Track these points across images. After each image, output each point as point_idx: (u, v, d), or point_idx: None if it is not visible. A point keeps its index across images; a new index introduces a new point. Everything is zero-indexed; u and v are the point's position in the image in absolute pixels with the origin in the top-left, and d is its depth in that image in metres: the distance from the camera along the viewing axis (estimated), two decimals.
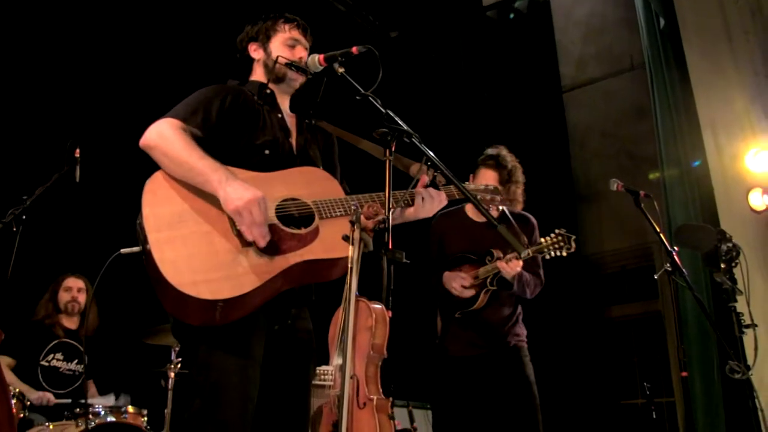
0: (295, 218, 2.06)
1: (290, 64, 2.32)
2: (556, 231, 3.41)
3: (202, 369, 1.97)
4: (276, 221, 2.00)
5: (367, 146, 2.30)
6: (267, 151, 2.19)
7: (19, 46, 4.23)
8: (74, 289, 4.29)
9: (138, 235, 1.97)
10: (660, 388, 6.60)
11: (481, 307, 3.55)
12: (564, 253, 3.35)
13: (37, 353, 4.08)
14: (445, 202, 2.29)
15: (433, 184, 2.23)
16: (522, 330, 3.69)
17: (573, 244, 3.36)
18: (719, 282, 3.34)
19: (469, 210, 3.79)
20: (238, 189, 1.93)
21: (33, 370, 4.02)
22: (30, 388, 3.90)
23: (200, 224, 1.96)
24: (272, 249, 1.96)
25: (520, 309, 3.74)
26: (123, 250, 2.01)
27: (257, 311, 1.99)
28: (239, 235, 1.96)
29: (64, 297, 4.27)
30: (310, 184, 2.15)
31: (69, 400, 3.96)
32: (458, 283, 3.54)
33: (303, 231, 2.02)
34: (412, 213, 2.26)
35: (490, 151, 3.76)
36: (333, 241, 1.99)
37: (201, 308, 1.86)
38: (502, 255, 3.47)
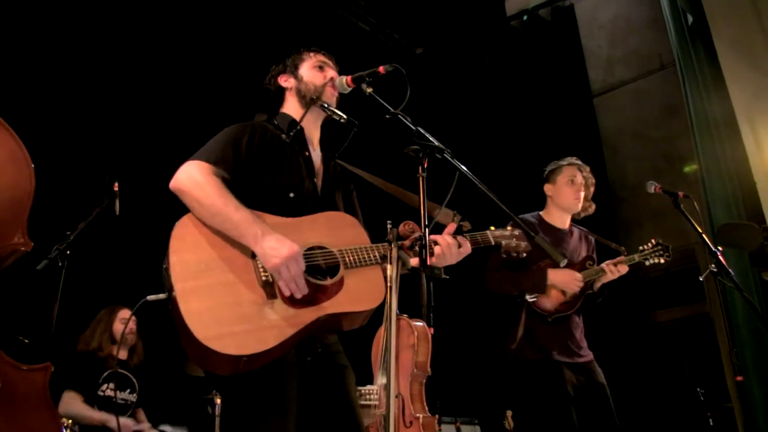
0: (322, 268, 2.04)
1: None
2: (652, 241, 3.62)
3: (239, 412, 1.96)
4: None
5: (404, 196, 2.26)
6: (291, 194, 2.18)
7: (58, 83, 4.34)
8: (130, 321, 4.37)
9: (164, 280, 1.96)
10: (715, 394, 6.41)
11: (568, 314, 3.47)
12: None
13: (93, 384, 4.15)
14: (468, 251, 2.20)
15: (458, 230, 2.20)
16: None
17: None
18: None
19: (547, 215, 3.75)
20: (275, 245, 1.93)
21: (90, 401, 4.08)
22: (124, 420, 4.03)
23: (226, 274, 1.95)
24: (298, 301, 1.95)
25: None
26: (149, 297, 2.03)
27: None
28: (264, 286, 1.95)
29: (119, 328, 4.34)
30: (335, 230, 2.13)
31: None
32: (576, 283, 3.45)
33: (328, 282, 2.00)
34: (433, 262, 2.14)
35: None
36: (358, 293, 1.97)
37: (225, 361, 1.86)
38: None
